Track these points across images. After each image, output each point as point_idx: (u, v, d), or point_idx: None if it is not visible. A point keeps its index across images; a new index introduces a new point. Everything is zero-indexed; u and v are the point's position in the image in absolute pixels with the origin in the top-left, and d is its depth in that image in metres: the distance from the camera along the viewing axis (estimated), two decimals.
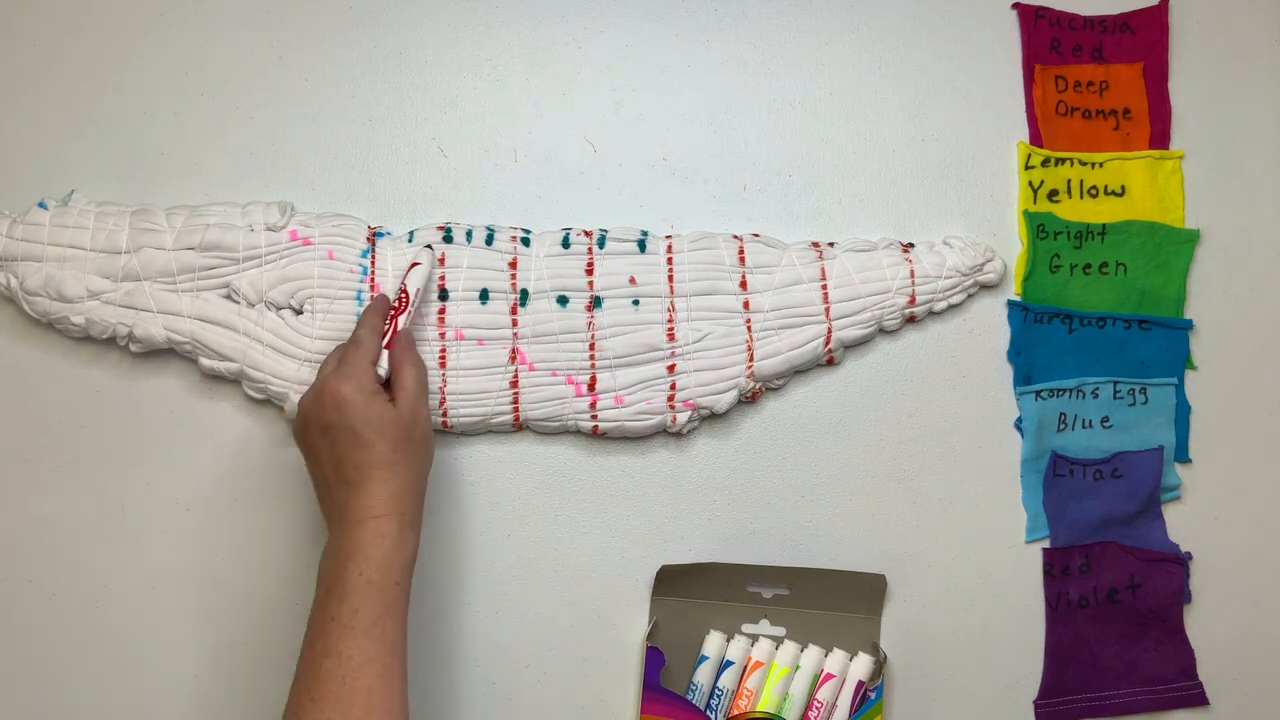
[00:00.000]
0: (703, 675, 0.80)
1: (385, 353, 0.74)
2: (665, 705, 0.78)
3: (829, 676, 0.79)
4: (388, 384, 0.74)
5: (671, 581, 0.80)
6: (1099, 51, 0.87)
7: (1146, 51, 0.87)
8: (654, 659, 0.79)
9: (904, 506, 0.83)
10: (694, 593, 0.81)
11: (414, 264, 0.78)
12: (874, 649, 0.81)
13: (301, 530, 0.80)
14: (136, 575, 0.80)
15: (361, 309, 0.79)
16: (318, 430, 0.70)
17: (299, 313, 0.79)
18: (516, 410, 0.80)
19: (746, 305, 0.81)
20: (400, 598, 0.69)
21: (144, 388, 0.81)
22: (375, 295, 0.79)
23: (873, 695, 0.79)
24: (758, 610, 0.81)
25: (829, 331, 0.81)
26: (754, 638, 0.80)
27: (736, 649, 0.80)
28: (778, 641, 0.80)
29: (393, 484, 0.70)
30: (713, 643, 0.80)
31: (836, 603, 0.81)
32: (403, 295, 0.77)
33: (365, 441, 0.69)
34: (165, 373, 0.81)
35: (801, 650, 0.80)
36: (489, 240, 0.81)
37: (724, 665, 0.80)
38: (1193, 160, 0.87)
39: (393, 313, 0.76)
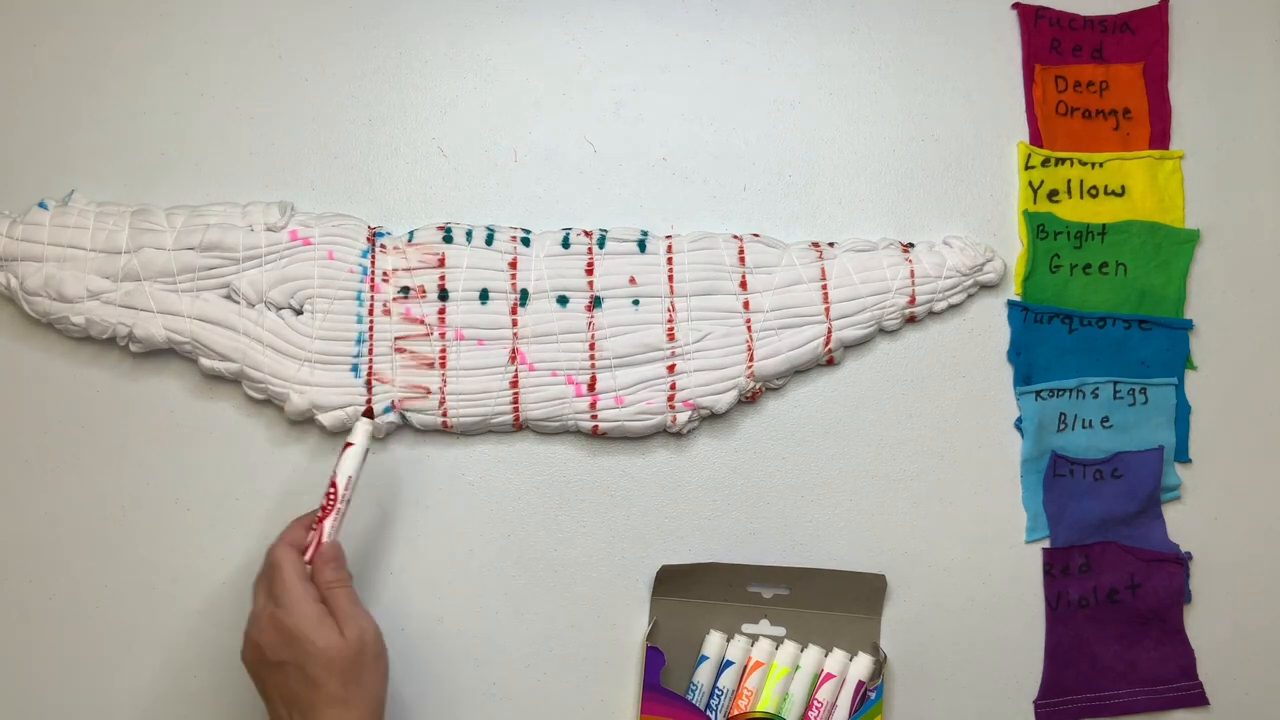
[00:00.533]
0: (703, 675, 0.80)
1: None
2: (665, 705, 0.78)
3: (829, 676, 0.79)
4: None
5: (672, 581, 0.80)
6: (1099, 51, 0.87)
7: (1146, 51, 0.87)
8: (654, 659, 0.79)
9: (904, 506, 0.83)
10: (694, 593, 0.81)
11: (347, 444, 0.73)
12: (874, 649, 0.81)
13: None
14: (136, 575, 0.79)
15: (361, 309, 0.79)
16: (267, 667, 0.68)
17: (299, 313, 0.79)
18: (516, 410, 0.80)
19: (746, 305, 0.81)
20: None
21: (144, 388, 0.81)
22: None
23: (873, 695, 0.79)
24: (758, 610, 0.81)
25: (829, 331, 0.81)
26: (754, 638, 0.80)
27: (736, 649, 0.80)
28: (778, 641, 0.80)
29: (349, 716, 0.67)
30: (713, 643, 0.80)
31: (837, 603, 0.81)
32: (330, 493, 0.72)
33: (315, 680, 0.67)
34: (165, 373, 0.81)
35: (801, 650, 0.80)
36: (489, 240, 0.81)
37: (724, 665, 0.80)
38: (1193, 160, 0.86)
39: (318, 518, 0.72)
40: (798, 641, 0.80)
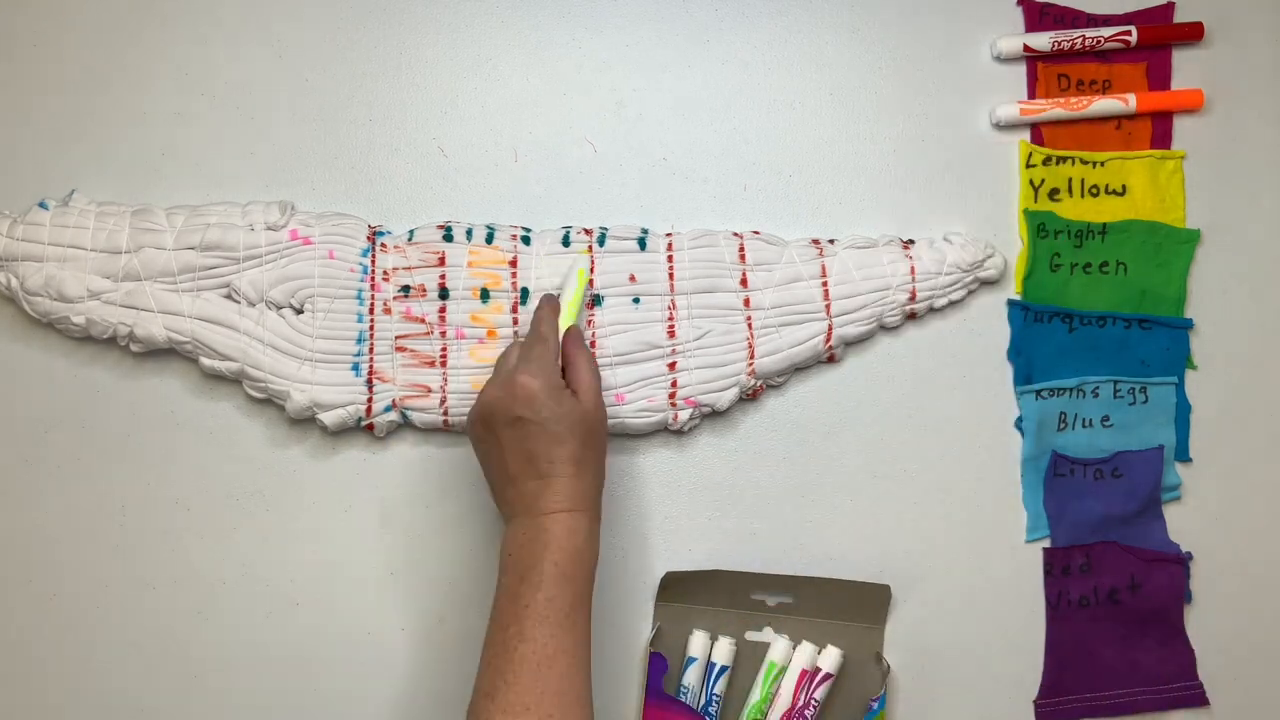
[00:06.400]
0: (691, 677, 0.79)
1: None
2: (668, 711, 0.78)
3: (803, 674, 0.79)
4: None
5: (675, 588, 0.80)
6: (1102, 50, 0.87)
7: (1150, 51, 0.87)
8: (657, 665, 0.79)
9: (904, 506, 0.83)
10: (698, 600, 0.80)
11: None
12: (877, 659, 0.80)
13: (302, 529, 0.80)
14: (136, 575, 0.79)
15: (362, 308, 0.79)
16: (505, 422, 0.71)
17: (300, 312, 0.79)
18: None
19: (747, 302, 0.81)
20: (589, 591, 0.70)
21: (144, 388, 0.81)
22: (544, 295, 0.79)
23: (874, 705, 0.78)
24: (762, 618, 0.81)
25: (829, 328, 0.81)
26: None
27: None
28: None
29: (583, 480, 0.71)
30: (697, 643, 0.79)
31: (840, 612, 0.80)
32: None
33: (558, 437, 0.70)
34: (166, 373, 0.81)
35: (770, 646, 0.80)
36: (489, 239, 0.81)
37: (711, 669, 0.79)
38: (1194, 160, 0.87)
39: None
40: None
